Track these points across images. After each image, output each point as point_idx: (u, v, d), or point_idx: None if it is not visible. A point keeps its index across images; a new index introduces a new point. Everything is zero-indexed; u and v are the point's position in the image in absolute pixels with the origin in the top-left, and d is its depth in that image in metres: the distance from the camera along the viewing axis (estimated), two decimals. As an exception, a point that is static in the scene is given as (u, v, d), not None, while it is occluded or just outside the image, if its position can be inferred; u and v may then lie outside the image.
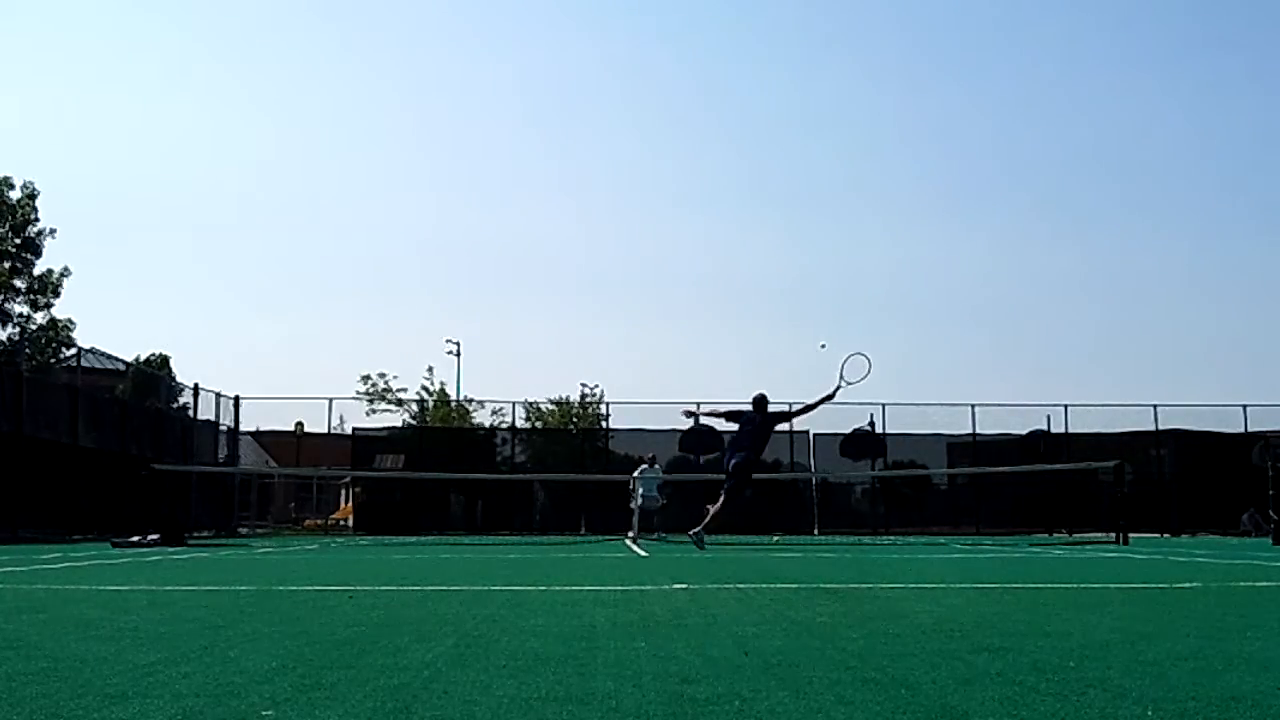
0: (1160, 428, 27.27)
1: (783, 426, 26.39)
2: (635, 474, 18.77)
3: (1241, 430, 27.28)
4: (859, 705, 1.97)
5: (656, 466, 19.36)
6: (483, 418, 31.20)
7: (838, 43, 66.61)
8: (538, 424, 32.10)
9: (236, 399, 25.13)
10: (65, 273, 26.40)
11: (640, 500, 18.15)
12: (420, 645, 2.85)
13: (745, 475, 12.14)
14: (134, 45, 63.22)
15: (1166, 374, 59.37)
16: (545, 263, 65.76)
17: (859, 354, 12.02)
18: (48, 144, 58.59)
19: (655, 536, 17.70)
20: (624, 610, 3.92)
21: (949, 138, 63.00)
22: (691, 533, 11.89)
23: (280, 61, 66.82)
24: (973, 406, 27.03)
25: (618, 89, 68.75)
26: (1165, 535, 22.89)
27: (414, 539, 18.69)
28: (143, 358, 34.49)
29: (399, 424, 31.84)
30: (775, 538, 17.10)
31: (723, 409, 13.46)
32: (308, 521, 32.35)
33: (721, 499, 11.92)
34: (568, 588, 5.34)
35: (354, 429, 29.28)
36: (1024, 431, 27.49)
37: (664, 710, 1.93)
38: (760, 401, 12.30)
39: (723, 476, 12.54)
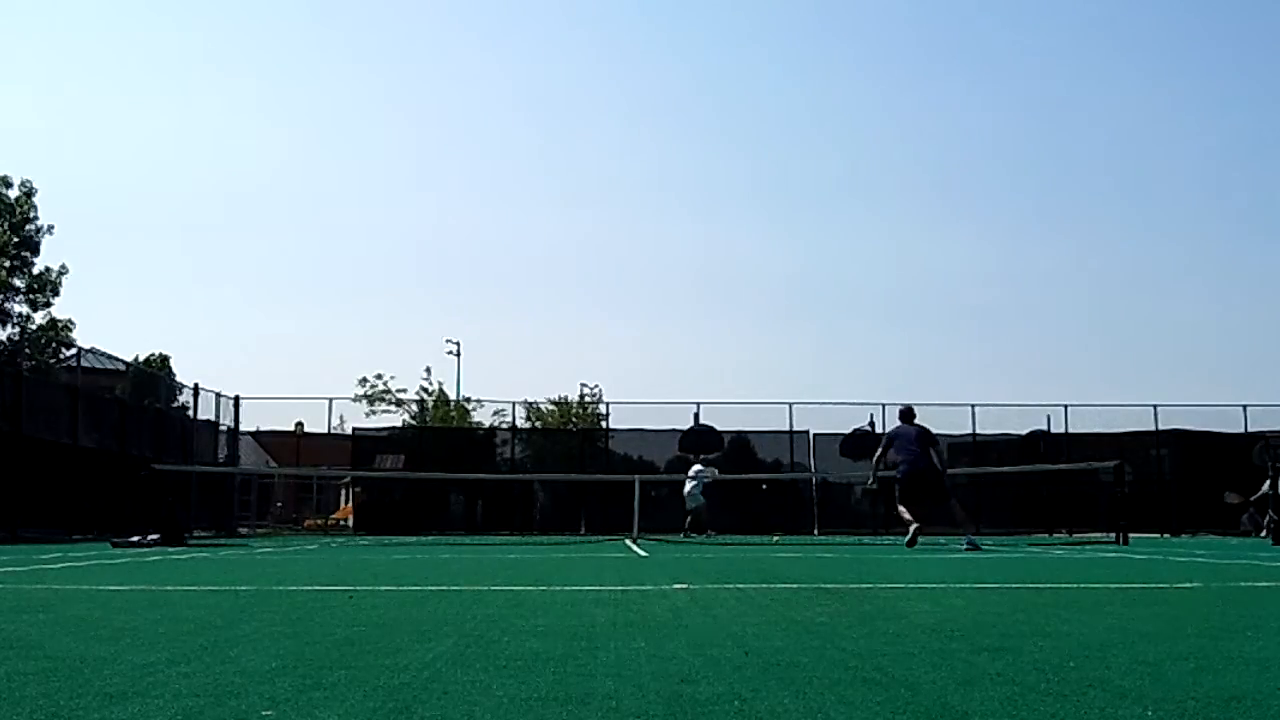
0: (1160, 428, 27.24)
1: (783, 426, 26.73)
2: (691, 472, 20.03)
3: (1241, 430, 27.26)
4: (859, 705, 1.97)
5: (705, 471, 20.62)
6: (483, 418, 31.27)
7: (838, 42, 66.67)
8: (538, 424, 32.12)
9: (236, 399, 25.15)
10: (64, 270, 26.41)
11: (691, 501, 19.77)
12: (420, 645, 2.85)
13: (931, 481, 12.56)
14: (133, 44, 63.29)
15: (1166, 374, 59.55)
16: (545, 263, 65.90)
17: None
18: (46, 143, 58.65)
19: (706, 535, 18.78)
20: (624, 610, 3.92)
21: (949, 137, 63.10)
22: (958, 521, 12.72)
23: (280, 61, 66.88)
24: (973, 406, 27.03)
25: (617, 89, 68.82)
26: (1165, 535, 22.88)
27: (414, 539, 18.69)
28: (143, 358, 34.50)
29: (399, 424, 31.88)
30: (775, 538, 17.10)
31: (878, 450, 13.82)
32: (308, 521, 32.34)
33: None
34: (568, 588, 5.33)
35: (354, 429, 29.30)
36: (1024, 431, 27.49)
37: (664, 710, 1.92)
38: (904, 413, 13.33)
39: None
